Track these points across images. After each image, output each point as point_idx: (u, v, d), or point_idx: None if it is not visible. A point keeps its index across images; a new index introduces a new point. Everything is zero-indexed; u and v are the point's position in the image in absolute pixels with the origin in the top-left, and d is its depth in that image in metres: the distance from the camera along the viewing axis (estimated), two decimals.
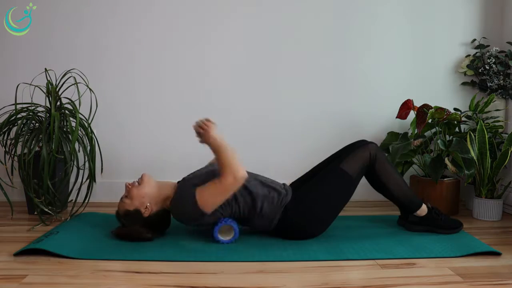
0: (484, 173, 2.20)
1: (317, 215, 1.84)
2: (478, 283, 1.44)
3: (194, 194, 1.75)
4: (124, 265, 1.57)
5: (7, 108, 2.22)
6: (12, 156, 2.20)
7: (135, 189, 1.83)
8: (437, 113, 2.26)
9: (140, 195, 1.82)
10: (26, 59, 2.49)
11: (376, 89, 2.64)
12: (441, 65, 2.66)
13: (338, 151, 2.03)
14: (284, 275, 1.50)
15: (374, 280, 1.48)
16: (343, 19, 2.61)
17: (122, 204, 1.84)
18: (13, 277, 1.44)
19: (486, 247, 1.73)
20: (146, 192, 1.82)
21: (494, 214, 2.23)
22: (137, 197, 1.81)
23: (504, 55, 2.52)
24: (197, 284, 1.43)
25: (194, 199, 1.74)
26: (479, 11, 2.65)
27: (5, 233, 1.93)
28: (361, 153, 1.89)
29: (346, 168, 1.86)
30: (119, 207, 1.86)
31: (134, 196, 1.82)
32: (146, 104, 2.56)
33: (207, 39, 2.56)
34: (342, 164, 1.87)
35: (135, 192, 1.82)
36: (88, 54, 2.51)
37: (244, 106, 2.59)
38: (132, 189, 1.83)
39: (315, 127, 2.63)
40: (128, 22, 2.53)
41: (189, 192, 1.77)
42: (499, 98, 2.52)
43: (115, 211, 1.88)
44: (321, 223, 1.87)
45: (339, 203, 1.88)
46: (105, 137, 2.47)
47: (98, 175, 2.32)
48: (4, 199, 2.16)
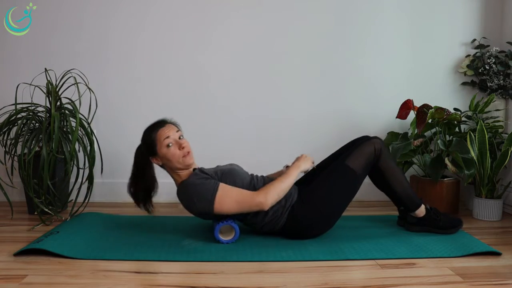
0: (484, 173, 2.20)
1: (324, 213, 1.84)
2: (478, 283, 1.44)
3: (217, 188, 1.75)
4: (124, 265, 1.57)
5: (7, 108, 2.22)
6: (12, 156, 2.21)
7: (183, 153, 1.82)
8: (437, 113, 2.25)
9: (174, 156, 1.81)
10: (26, 59, 2.49)
11: (376, 89, 2.64)
12: (441, 65, 2.66)
13: (342, 147, 2.03)
14: (284, 275, 1.50)
15: (374, 280, 1.48)
16: (343, 19, 2.61)
17: (167, 140, 1.81)
18: (13, 277, 1.45)
19: (486, 247, 1.73)
20: (175, 162, 1.82)
21: (494, 214, 2.23)
22: (172, 155, 1.81)
23: (504, 55, 2.52)
24: (197, 284, 1.43)
25: (214, 193, 1.74)
26: (479, 11, 2.65)
27: (5, 233, 1.93)
28: (365, 149, 1.88)
29: (351, 164, 1.86)
30: (164, 134, 1.83)
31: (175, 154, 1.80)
32: (146, 104, 2.56)
33: (208, 39, 2.56)
34: (347, 160, 1.87)
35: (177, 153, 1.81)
36: (88, 54, 2.51)
37: (245, 106, 2.59)
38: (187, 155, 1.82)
39: (315, 127, 2.63)
40: (128, 22, 2.53)
41: (214, 184, 1.77)
42: (499, 98, 2.52)
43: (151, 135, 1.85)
44: (328, 221, 1.87)
45: (345, 200, 1.88)
46: (105, 137, 2.47)
47: (98, 175, 2.32)
48: (4, 199, 2.16)
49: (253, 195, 1.76)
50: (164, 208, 2.40)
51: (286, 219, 1.83)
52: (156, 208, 1.96)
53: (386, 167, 1.91)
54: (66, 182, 2.23)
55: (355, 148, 1.90)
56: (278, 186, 1.79)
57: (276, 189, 1.78)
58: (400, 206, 2.01)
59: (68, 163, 2.10)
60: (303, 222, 1.83)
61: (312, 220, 1.83)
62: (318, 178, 1.89)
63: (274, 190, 1.77)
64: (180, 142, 1.84)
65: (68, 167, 2.11)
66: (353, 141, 2.00)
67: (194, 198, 1.77)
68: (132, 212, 2.30)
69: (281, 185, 1.80)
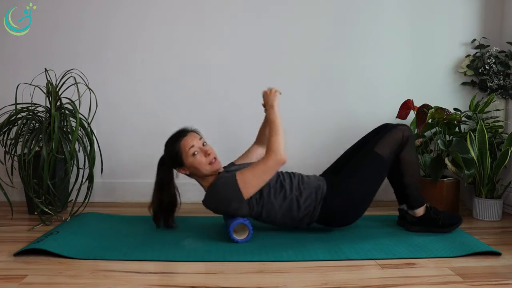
0: (484, 173, 2.20)
1: (358, 201, 1.88)
2: (478, 283, 1.44)
3: (235, 176, 1.79)
4: (124, 265, 1.57)
5: (7, 108, 2.22)
6: (12, 156, 2.21)
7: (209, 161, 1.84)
8: (437, 113, 2.25)
9: (201, 164, 1.83)
10: (26, 59, 2.49)
11: (376, 89, 2.64)
12: (441, 65, 2.66)
13: (366, 136, 2.04)
14: (284, 275, 1.50)
15: (374, 280, 1.48)
16: (343, 20, 2.61)
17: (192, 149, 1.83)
18: (13, 277, 1.44)
19: (486, 247, 1.73)
20: (203, 169, 1.84)
21: (494, 214, 2.22)
22: (199, 163, 1.82)
23: (504, 55, 2.52)
24: (197, 284, 1.43)
25: (234, 180, 1.77)
26: (479, 11, 2.65)
27: (5, 233, 1.93)
28: (394, 135, 1.90)
29: (381, 151, 1.88)
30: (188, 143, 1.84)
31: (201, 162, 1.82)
32: (146, 104, 2.56)
33: (208, 39, 2.56)
34: (376, 147, 1.89)
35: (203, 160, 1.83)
36: (88, 54, 2.51)
37: (245, 106, 2.59)
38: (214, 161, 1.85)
39: (315, 126, 2.63)
40: (128, 22, 2.53)
41: (230, 175, 1.81)
42: (499, 98, 2.52)
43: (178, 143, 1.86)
44: (361, 208, 1.90)
45: (375, 186, 1.91)
46: (105, 137, 2.47)
47: (98, 175, 2.32)
48: (4, 199, 2.16)
49: (265, 161, 1.79)
50: None
51: (320, 211, 1.86)
52: None
53: (406, 157, 1.92)
54: (66, 182, 2.23)
55: (384, 135, 1.91)
56: (276, 137, 1.81)
57: (276, 141, 1.80)
58: (402, 202, 2.01)
59: (68, 163, 2.10)
60: (336, 212, 1.87)
61: (346, 209, 1.87)
62: (347, 167, 1.92)
63: (277, 142, 1.79)
64: (205, 149, 1.86)
65: (68, 167, 2.11)
66: (377, 129, 2.01)
67: (223, 198, 1.80)
68: (132, 212, 2.30)
69: (277, 133, 1.82)
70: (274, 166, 1.78)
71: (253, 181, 1.78)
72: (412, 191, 1.94)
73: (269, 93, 1.96)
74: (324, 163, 2.17)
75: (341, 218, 1.89)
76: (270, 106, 1.91)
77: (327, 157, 2.23)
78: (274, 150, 1.78)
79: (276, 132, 1.82)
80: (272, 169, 1.78)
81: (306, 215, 1.86)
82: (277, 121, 1.85)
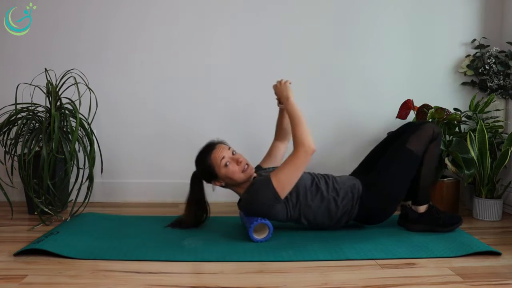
0: (484, 173, 2.20)
1: (393, 197, 1.93)
2: (478, 283, 1.44)
3: (269, 177, 1.80)
4: (124, 265, 1.57)
5: (7, 108, 2.22)
6: (12, 156, 2.21)
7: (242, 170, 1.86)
8: (437, 113, 2.26)
9: (234, 173, 1.84)
10: (26, 59, 2.49)
11: (376, 89, 2.64)
12: (441, 65, 2.66)
13: (390, 136, 2.07)
14: (284, 275, 1.50)
15: (374, 280, 1.48)
16: (343, 20, 2.61)
17: (224, 160, 1.84)
18: (13, 277, 1.44)
19: (486, 247, 1.73)
20: (237, 178, 1.85)
21: (494, 214, 2.23)
22: (233, 173, 1.84)
23: (504, 55, 2.52)
24: (197, 284, 1.43)
25: (269, 182, 1.78)
26: (479, 11, 2.65)
27: (5, 233, 1.93)
28: (425, 131, 1.92)
29: (413, 147, 1.91)
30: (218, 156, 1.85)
31: (235, 171, 1.84)
32: (146, 104, 2.56)
33: (208, 40, 2.56)
34: (408, 144, 1.91)
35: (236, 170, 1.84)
36: (88, 54, 2.51)
37: (245, 106, 2.59)
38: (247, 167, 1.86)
39: (315, 126, 2.60)
40: (129, 22, 2.53)
41: (264, 178, 1.83)
42: (499, 98, 2.52)
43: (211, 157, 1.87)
44: (395, 203, 1.95)
45: (408, 181, 1.93)
46: (105, 137, 2.47)
47: (98, 175, 2.32)
48: (4, 199, 2.16)
49: (295, 156, 1.79)
50: (164, 208, 2.40)
51: (358, 210, 1.90)
52: (155, 208, 1.96)
53: (430, 153, 1.94)
54: (66, 182, 2.23)
55: (414, 131, 1.93)
56: (300, 128, 1.81)
57: (302, 132, 1.80)
58: (408, 198, 2.02)
59: (68, 163, 2.10)
60: (374, 209, 1.92)
61: (383, 206, 1.93)
62: (380, 165, 1.95)
63: (302, 134, 1.80)
64: (236, 157, 1.87)
65: (68, 167, 2.11)
66: (401, 128, 2.03)
67: (261, 202, 1.81)
68: (132, 212, 2.30)
69: (301, 125, 1.82)
70: (305, 158, 1.78)
71: (288, 178, 1.79)
72: (423, 185, 1.96)
73: (280, 85, 1.96)
74: (325, 162, 2.18)
75: (378, 214, 1.95)
76: (286, 99, 1.91)
77: (328, 156, 2.23)
78: (302, 142, 1.78)
79: (299, 124, 1.82)
80: (304, 162, 1.79)
81: (345, 214, 1.90)
82: (297, 112, 1.86)
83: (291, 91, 1.92)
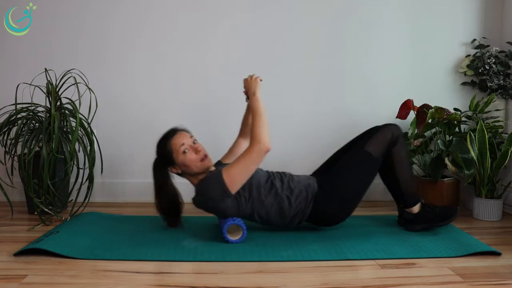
0: (484, 173, 2.20)
1: (347, 199, 1.88)
2: (478, 283, 1.44)
3: (221, 171, 1.79)
4: (124, 265, 1.57)
5: (7, 108, 2.22)
6: (12, 156, 2.21)
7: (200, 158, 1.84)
8: (437, 113, 2.26)
9: (191, 161, 1.83)
10: (26, 59, 2.49)
11: (376, 89, 2.64)
12: (441, 65, 2.66)
13: (358, 136, 2.04)
14: (284, 275, 1.50)
15: (374, 280, 1.48)
16: (343, 20, 2.61)
17: (182, 147, 1.83)
18: (13, 277, 1.44)
19: (486, 247, 1.73)
20: (194, 167, 1.84)
21: (494, 214, 2.23)
22: (190, 161, 1.83)
23: (504, 55, 2.52)
24: (197, 284, 1.43)
25: (220, 176, 1.77)
26: (479, 11, 2.65)
27: (5, 233, 1.93)
28: (383, 135, 1.91)
29: (371, 150, 1.89)
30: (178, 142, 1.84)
31: (192, 159, 1.83)
32: (146, 104, 2.56)
33: (208, 40, 2.56)
34: (366, 146, 1.90)
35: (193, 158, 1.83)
36: (88, 54, 2.51)
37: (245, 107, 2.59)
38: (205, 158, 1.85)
39: (315, 126, 2.63)
40: (128, 22, 2.53)
41: (216, 171, 1.81)
42: (499, 98, 2.52)
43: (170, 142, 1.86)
44: (350, 207, 1.91)
45: (365, 185, 1.91)
46: (105, 137, 2.47)
47: (98, 175, 2.32)
48: (4, 199, 2.16)
49: (249, 152, 1.76)
50: None
51: (311, 210, 1.87)
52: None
53: (397, 156, 1.92)
54: (66, 182, 2.23)
55: (374, 134, 1.92)
56: (259, 124, 1.78)
57: (260, 129, 1.77)
58: (399, 202, 2.01)
59: (68, 163, 2.10)
60: (327, 211, 1.88)
61: (335, 208, 1.88)
62: (337, 166, 1.92)
63: (260, 131, 1.77)
64: (195, 146, 1.86)
65: (68, 167, 2.11)
66: (367, 130, 2.01)
67: (211, 196, 1.79)
68: (132, 212, 2.30)
69: (261, 121, 1.79)
70: (259, 155, 1.75)
71: (239, 173, 1.77)
72: (405, 189, 1.94)
73: (250, 80, 1.93)
74: None
75: (330, 216, 1.90)
76: (253, 94, 1.88)
77: (328, 156, 2.23)
78: (258, 139, 1.75)
79: (259, 120, 1.79)
80: (257, 158, 1.76)
81: (297, 214, 1.87)
82: (260, 109, 1.82)
83: (259, 88, 1.90)
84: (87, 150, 2.18)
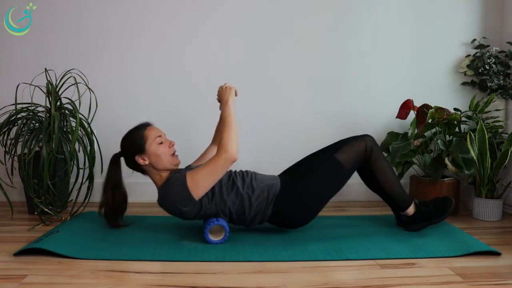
0: (484, 173, 2.20)
1: (307, 204, 1.85)
2: (478, 283, 1.44)
3: (185, 175, 1.77)
4: (124, 265, 1.57)
5: (7, 108, 2.22)
6: (12, 156, 2.21)
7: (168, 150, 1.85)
8: (437, 113, 2.26)
9: (164, 153, 1.83)
10: (26, 59, 2.49)
11: (376, 89, 2.64)
12: (441, 65, 2.67)
13: (331, 144, 1.99)
14: (284, 275, 1.50)
15: (374, 280, 1.48)
16: (343, 19, 2.61)
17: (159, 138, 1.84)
18: (13, 277, 1.45)
19: (486, 247, 1.73)
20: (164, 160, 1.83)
21: (494, 214, 2.23)
22: (163, 153, 1.83)
23: (504, 55, 2.52)
24: (197, 284, 1.43)
25: (184, 180, 1.75)
26: (479, 11, 2.65)
27: (5, 233, 1.93)
28: (357, 145, 1.88)
29: (340, 158, 1.86)
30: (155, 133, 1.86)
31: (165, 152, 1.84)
32: (146, 104, 2.56)
33: (208, 39, 2.56)
34: (337, 154, 1.87)
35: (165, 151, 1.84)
36: (88, 54, 2.51)
37: (244, 107, 2.58)
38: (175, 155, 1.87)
39: (315, 127, 2.62)
40: (128, 22, 2.53)
41: (180, 175, 1.79)
42: (499, 98, 2.52)
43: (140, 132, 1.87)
44: (310, 212, 1.87)
45: (329, 192, 1.88)
46: (105, 137, 2.47)
47: (98, 175, 2.32)
48: (4, 199, 2.16)
49: (215, 160, 1.75)
50: None
51: (272, 210, 1.84)
52: (155, 208, 1.95)
53: (377, 166, 1.91)
54: (66, 182, 2.23)
55: (346, 143, 1.90)
56: (228, 133, 1.76)
57: (228, 138, 1.75)
58: (393, 208, 2.00)
59: (68, 163, 2.10)
60: (285, 212, 1.84)
61: (294, 210, 1.84)
62: (302, 169, 1.90)
63: (228, 138, 1.75)
64: (170, 141, 1.88)
65: (68, 167, 2.11)
66: (344, 139, 1.97)
67: (173, 199, 1.77)
68: (132, 212, 2.30)
69: (230, 130, 1.77)
70: (224, 164, 1.73)
71: (203, 180, 1.75)
72: (395, 195, 1.93)
73: (224, 88, 1.92)
74: None
75: (290, 219, 1.87)
76: (225, 102, 1.87)
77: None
78: (225, 148, 1.73)
79: (228, 129, 1.77)
80: (222, 167, 1.74)
81: (258, 214, 1.84)
82: (230, 118, 1.81)
83: (232, 97, 1.88)
84: (87, 150, 2.18)
